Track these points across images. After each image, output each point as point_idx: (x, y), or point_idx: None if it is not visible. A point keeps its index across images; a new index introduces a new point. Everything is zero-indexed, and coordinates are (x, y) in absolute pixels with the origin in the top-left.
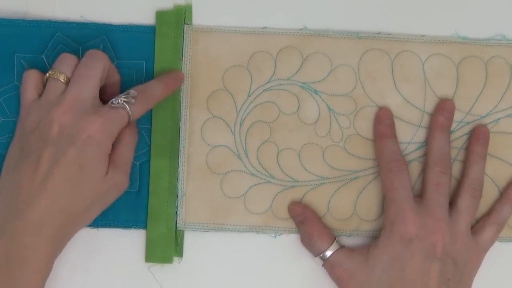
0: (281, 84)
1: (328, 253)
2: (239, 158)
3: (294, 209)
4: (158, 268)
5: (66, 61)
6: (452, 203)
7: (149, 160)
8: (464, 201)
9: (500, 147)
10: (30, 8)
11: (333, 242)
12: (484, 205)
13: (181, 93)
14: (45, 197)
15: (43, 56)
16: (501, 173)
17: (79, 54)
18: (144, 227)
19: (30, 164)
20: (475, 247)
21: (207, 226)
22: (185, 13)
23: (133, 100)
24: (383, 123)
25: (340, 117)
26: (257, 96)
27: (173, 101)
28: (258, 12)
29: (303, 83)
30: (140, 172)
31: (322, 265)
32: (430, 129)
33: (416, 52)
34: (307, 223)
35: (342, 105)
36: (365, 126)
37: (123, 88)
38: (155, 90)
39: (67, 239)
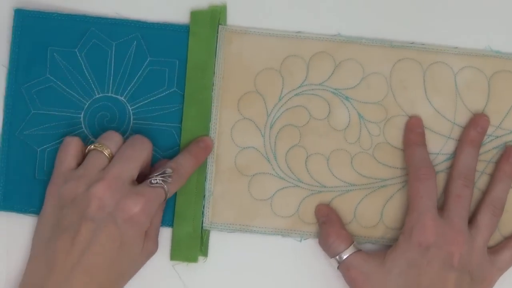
0: (312, 89)
1: (345, 255)
2: (268, 161)
3: (321, 209)
4: (183, 267)
5: (113, 137)
6: (472, 218)
7: None
8: (483, 218)
9: None
10: (67, 1)
11: (350, 245)
12: (509, 221)
13: (213, 93)
14: (82, 273)
15: (76, 50)
16: None
17: (112, 50)
18: (171, 225)
19: (67, 238)
20: (490, 265)
21: (233, 227)
22: (219, 14)
23: (169, 179)
24: (414, 131)
25: (370, 124)
26: (288, 99)
27: (204, 101)
28: (293, 16)
29: (335, 89)
30: None
31: (338, 267)
32: (460, 141)
33: (448, 64)
34: (328, 224)
35: (372, 113)
36: (395, 135)
37: (153, 80)
38: (186, 166)
39: None
